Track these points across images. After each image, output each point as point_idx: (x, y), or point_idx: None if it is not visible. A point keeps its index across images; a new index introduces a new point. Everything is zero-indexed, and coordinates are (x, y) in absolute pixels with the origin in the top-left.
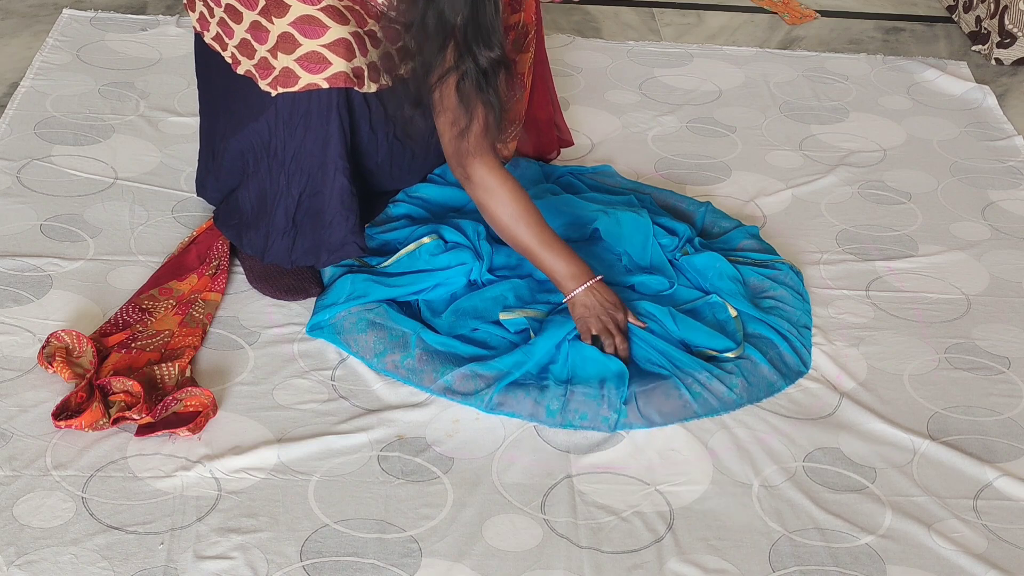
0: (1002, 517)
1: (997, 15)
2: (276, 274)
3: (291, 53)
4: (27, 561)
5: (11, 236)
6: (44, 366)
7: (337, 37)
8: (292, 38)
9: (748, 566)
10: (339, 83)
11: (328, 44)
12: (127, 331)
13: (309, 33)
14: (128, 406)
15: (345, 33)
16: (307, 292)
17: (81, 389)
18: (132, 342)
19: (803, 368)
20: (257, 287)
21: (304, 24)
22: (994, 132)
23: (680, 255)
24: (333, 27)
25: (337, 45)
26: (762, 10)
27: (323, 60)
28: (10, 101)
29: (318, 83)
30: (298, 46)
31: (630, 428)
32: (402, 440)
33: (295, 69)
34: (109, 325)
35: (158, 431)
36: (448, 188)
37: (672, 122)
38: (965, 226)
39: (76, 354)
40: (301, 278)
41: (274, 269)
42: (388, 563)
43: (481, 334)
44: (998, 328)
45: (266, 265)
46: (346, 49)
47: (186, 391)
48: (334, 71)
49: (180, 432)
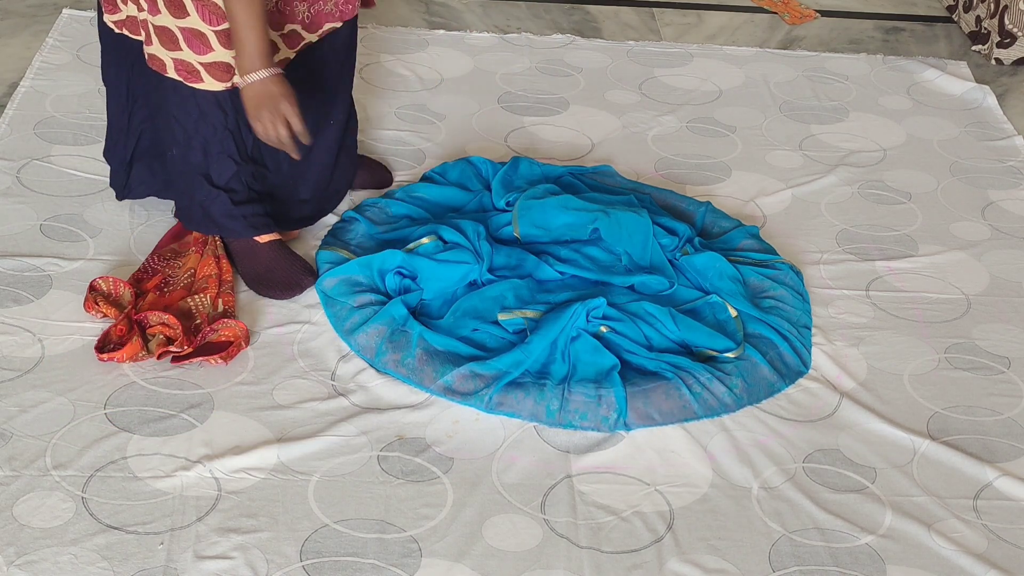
0: (1002, 517)
1: (997, 15)
2: (269, 273)
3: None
4: (27, 561)
5: (11, 236)
6: (92, 311)
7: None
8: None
9: (748, 566)
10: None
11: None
12: (159, 275)
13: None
14: (168, 339)
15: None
16: (301, 286)
17: (120, 323)
18: (164, 286)
19: (803, 368)
20: (255, 290)
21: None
22: (994, 132)
23: (680, 255)
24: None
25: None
26: (762, 10)
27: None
28: (10, 101)
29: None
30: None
31: (630, 428)
32: (402, 440)
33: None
34: (140, 272)
35: (194, 359)
36: (448, 188)
37: (672, 122)
38: (965, 226)
39: (114, 298)
40: (293, 271)
41: (267, 269)
42: (388, 563)
43: (481, 334)
44: (998, 328)
45: (260, 267)
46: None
47: (222, 322)
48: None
49: (212, 360)
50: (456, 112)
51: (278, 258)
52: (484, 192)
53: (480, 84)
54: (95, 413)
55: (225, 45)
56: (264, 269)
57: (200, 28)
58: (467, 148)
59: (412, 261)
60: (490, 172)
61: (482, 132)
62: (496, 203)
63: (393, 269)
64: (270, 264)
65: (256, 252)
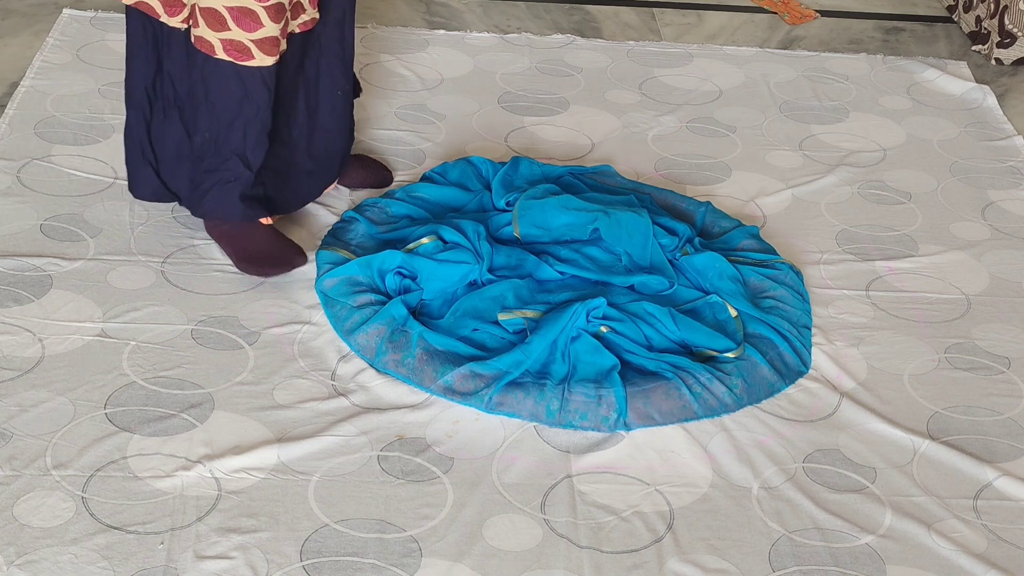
0: (1002, 517)
1: (997, 15)
2: (259, 251)
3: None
4: (27, 561)
5: (11, 236)
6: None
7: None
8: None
9: (748, 566)
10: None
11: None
12: None
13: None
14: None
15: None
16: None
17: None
18: None
19: (803, 368)
20: (245, 269)
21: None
22: (994, 132)
23: (680, 255)
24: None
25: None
26: (762, 10)
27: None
28: (10, 101)
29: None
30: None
31: (630, 428)
32: (402, 440)
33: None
34: None
35: None
36: (448, 188)
37: (672, 122)
38: (965, 226)
39: None
40: (281, 249)
41: (256, 248)
42: (388, 563)
43: (481, 334)
44: (998, 328)
45: (252, 246)
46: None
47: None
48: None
49: None
50: (456, 112)
51: (272, 237)
52: (484, 192)
53: (480, 84)
54: (95, 413)
55: (274, 19)
56: (256, 248)
57: (249, 5)
58: (467, 148)
59: (412, 261)
60: (490, 172)
61: (482, 132)
62: (496, 203)
63: (393, 269)
64: (263, 242)
65: (252, 232)
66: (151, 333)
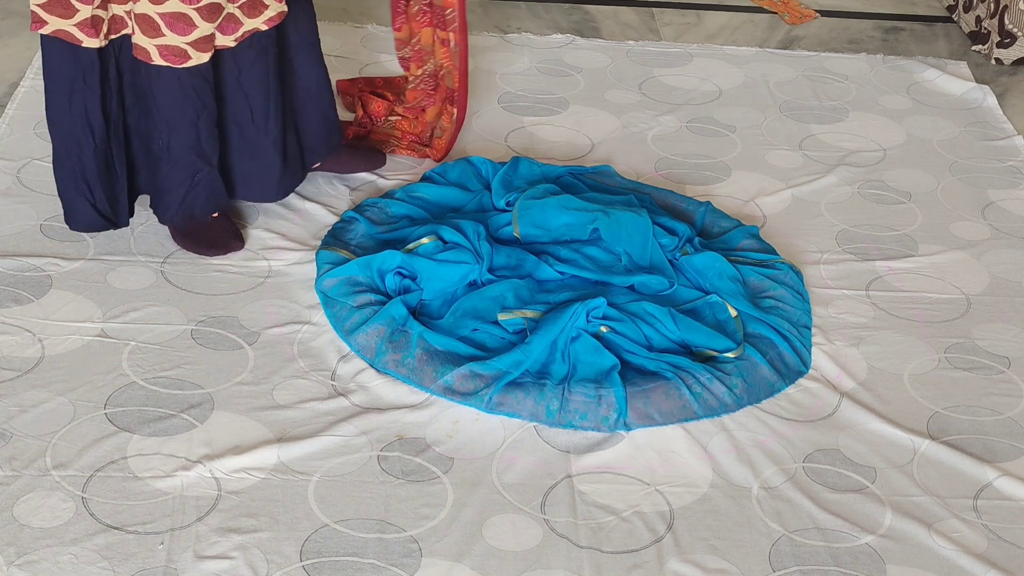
0: (1002, 517)
1: (997, 15)
2: (197, 230)
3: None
4: (27, 561)
5: (11, 236)
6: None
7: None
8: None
9: (748, 566)
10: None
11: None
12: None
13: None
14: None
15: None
16: (228, 247)
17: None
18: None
19: (803, 368)
20: (181, 243)
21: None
22: (994, 132)
23: (680, 255)
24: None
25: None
26: (762, 10)
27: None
28: (10, 101)
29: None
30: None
31: (630, 428)
32: (402, 440)
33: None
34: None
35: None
36: (448, 188)
37: (672, 122)
38: (965, 226)
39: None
40: (223, 233)
41: (195, 225)
42: (388, 563)
43: (481, 334)
44: (998, 328)
45: (194, 226)
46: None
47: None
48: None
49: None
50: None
51: (217, 220)
52: (484, 192)
53: (480, 84)
54: (95, 413)
55: (208, 19)
56: (198, 228)
57: (181, 10)
58: (467, 148)
59: (412, 261)
60: (490, 172)
61: (482, 132)
62: (496, 203)
63: (393, 269)
64: (206, 224)
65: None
66: (151, 333)
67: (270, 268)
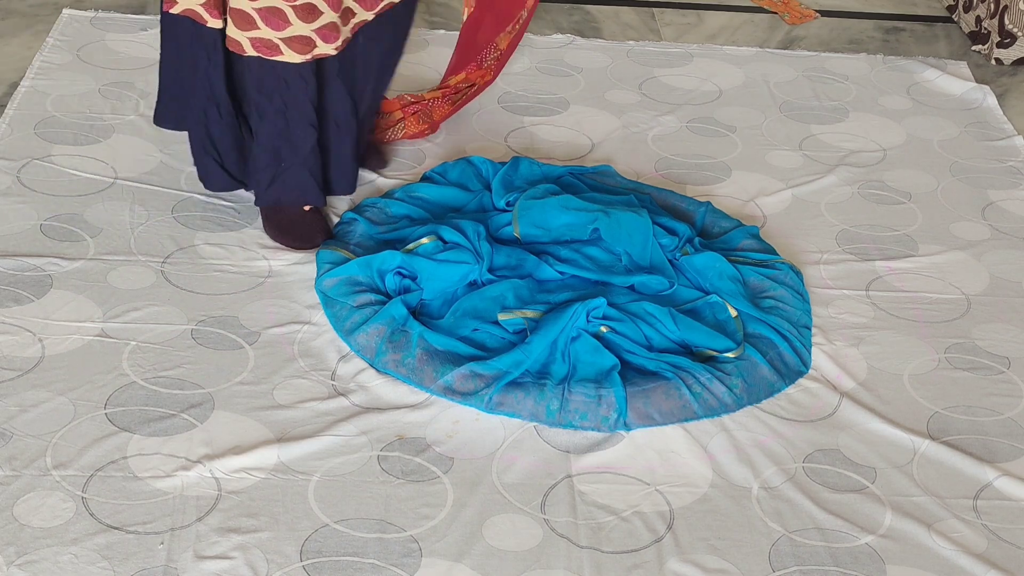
0: (1002, 517)
1: (997, 15)
2: (286, 222)
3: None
4: (27, 561)
5: (11, 236)
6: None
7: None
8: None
9: (748, 566)
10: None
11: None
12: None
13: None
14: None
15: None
16: (313, 241)
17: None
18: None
19: (803, 368)
20: (268, 231)
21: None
22: (994, 132)
23: (680, 255)
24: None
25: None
26: (762, 10)
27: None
28: (10, 101)
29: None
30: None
31: (630, 428)
32: (402, 440)
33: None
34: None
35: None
36: (448, 188)
37: (672, 122)
38: (965, 226)
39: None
40: (310, 228)
41: (288, 220)
42: (388, 563)
43: (481, 334)
44: (998, 328)
45: (282, 216)
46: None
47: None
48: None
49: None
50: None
51: (308, 214)
52: (484, 192)
53: None
54: (95, 413)
55: (303, 19)
56: (287, 220)
57: (276, 5)
58: (467, 148)
59: (412, 261)
60: (490, 172)
61: (482, 132)
62: (496, 203)
63: (393, 269)
64: (295, 218)
65: (288, 209)
66: (151, 333)
67: (270, 268)
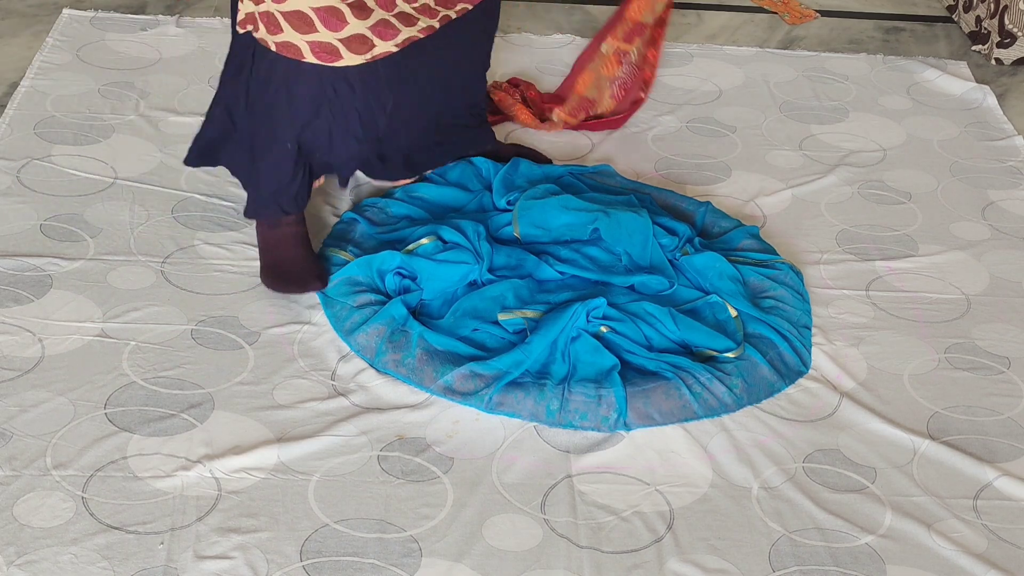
0: (1002, 517)
1: (997, 15)
2: (282, 268)
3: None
4: (27, 561)
5: (11, 236)
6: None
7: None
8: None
9: (748, 566)
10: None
11: None
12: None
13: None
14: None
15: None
16: (307, 287)
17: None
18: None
19: (803, 368)
20: (264, 281)
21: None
22: (994, 132)
23: (680, 255)
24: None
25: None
26: (762, 10)
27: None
28: (10, 101)
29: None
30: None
31: (630, 428)
32: (402, 440)
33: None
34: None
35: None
36: (448, 188)
37: (672, 122)
38: (965, 226)
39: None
40: (305, 271)
41: (280, 263)
42: (388, 563)
43: (481, 334)
44: (998, 328)
45: (275, 258)
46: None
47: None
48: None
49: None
50: None
51: (300, 254)
52: (484, 192)
53: None
54: (95, 413)
55: (358, 16)
56: (279, 263)
57: (334, 4)
58: None
59: (412, 262)
60: (490, 172)
61: None
62: (496, 203)
63: (393, 269)
64: (291, 257)
65: (282, 243)
66: (151, 333)
67: None
